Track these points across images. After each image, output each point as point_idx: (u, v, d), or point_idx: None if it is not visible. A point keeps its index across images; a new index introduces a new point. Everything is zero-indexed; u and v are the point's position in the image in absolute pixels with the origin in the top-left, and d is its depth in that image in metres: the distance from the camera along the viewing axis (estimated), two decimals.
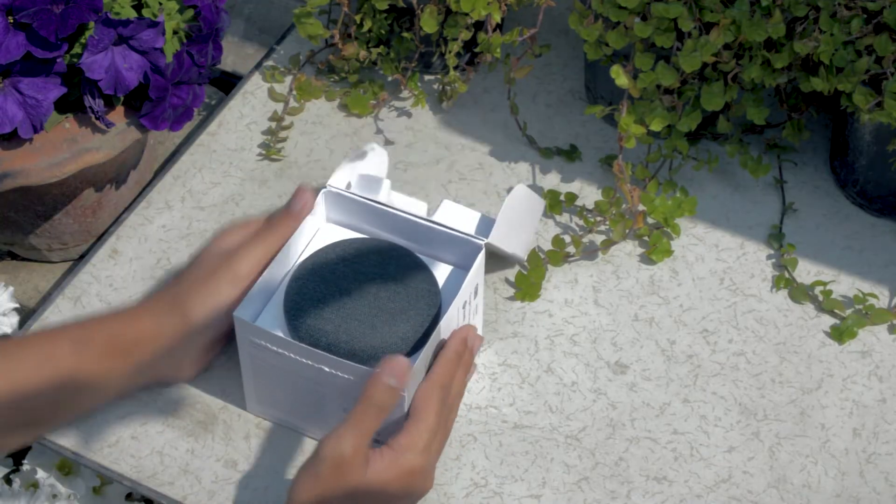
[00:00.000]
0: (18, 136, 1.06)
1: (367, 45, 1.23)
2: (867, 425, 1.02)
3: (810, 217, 1.16)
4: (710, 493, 0.99)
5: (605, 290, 1.11)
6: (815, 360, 1.06)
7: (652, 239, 1.12)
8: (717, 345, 1.07)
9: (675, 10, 1.08)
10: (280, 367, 0.95)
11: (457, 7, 1.14)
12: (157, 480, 0.99)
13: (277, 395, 0.99)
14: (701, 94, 1.12)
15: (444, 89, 1.23)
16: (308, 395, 0.97)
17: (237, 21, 1.40)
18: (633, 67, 1.10)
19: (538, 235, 1.14)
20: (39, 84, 1.05)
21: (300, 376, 0.95)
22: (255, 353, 0.96)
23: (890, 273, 1.12)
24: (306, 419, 0.99)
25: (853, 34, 1.05)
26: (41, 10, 1.02)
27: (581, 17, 1.11)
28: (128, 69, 1.06)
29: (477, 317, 1.03)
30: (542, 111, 1.24)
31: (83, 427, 1.01)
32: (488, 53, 1.16)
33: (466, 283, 0.98)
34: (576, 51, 1.29)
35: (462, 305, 0.98)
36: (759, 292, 1.10)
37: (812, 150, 1.20)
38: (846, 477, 1.00)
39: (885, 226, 1.15)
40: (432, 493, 0.98)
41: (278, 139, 1.21)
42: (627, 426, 1.02)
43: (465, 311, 0.99)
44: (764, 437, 1.02)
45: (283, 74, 1.26)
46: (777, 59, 1.09)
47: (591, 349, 1.07)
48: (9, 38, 1.02)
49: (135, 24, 1.05)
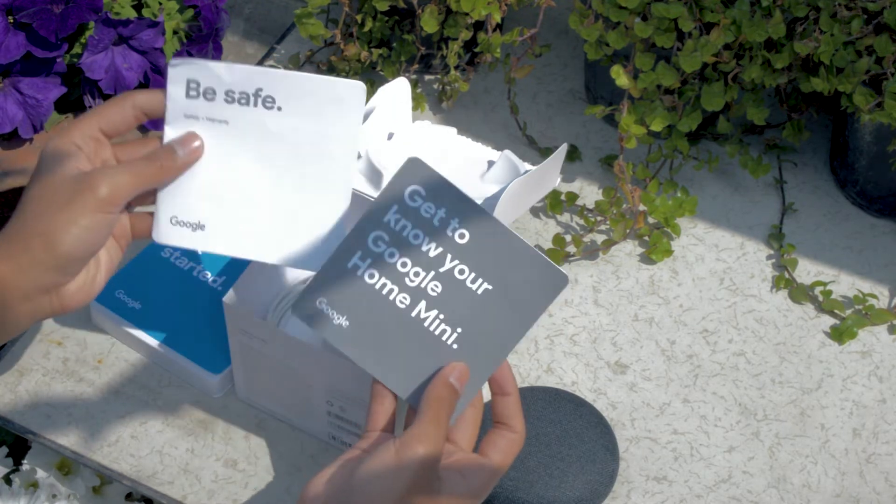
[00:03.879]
0: (18, 135, 1.06)
1: (368, 45, 1.23)
2: (867, 425, 1.02)
3: (810, 217, 1.16)
4: (710, 493, 0.99)
5: (605, 289, 1.11)
6: (815, 360, 1.06)
7: (652, 239, 1.12)
8: (717, 345, 1.07)
9: (676, 10, 1.08)
10: (268, 355, 0.95)
11: (457, 7, 1.14)
12: (156, 480, 0.99)
13: (266, 383, 0.99)
14: (701, 94, 1.12)
15: (445, 89, 1.23)
16: (294, 385, 0.97)
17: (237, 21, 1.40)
18: (633, 67, 1.10)
19: (538, 235, 1.14)
20: (39, 84, 1.05)
21: (287, 366, 0.95)
22: (244, 340, 0.96)
23: (890, 273, 1.12)
24: (292, 409, 0.99)
25: (853, 34, 1.06)
26: (41, 10, 1.02)
27: (581, 17, 1.11)
28: (128, 69, 1.06)
29: None
30: (542, 111, 1.24)
31: (83, 427, 1.02)
32: (488, 53, 1.16)
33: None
34: (576, 51, 1.29)
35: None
36: (759, 292, 1.10)
37: (812, 150, 1.20)
38: (846, 477, 1.00)
39: (885, 226, 1.15)
40: None
41: None
42: (627, 426, 1.02)
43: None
44: (764, 437, 1.02)
45: None
46: (777, 60, 1.09)
47: (591, 349, 1.07)
48: (9, 38, 1.02)
49: (135, 24, 1.05)
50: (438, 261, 0.82)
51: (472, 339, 0.82)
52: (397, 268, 0.82)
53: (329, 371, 0.93)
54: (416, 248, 0.82)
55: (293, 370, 0.95)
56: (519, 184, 1.00)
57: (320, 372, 0.94)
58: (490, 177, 1.05)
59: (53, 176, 0.82)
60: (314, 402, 0.97)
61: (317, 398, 0.96)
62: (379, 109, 1.07)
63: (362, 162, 1.04)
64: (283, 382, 0.97)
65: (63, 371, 1.05)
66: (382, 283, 0.82)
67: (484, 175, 1.05)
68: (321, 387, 0.95)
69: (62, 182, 0.82)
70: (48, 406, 1.03)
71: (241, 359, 0.99)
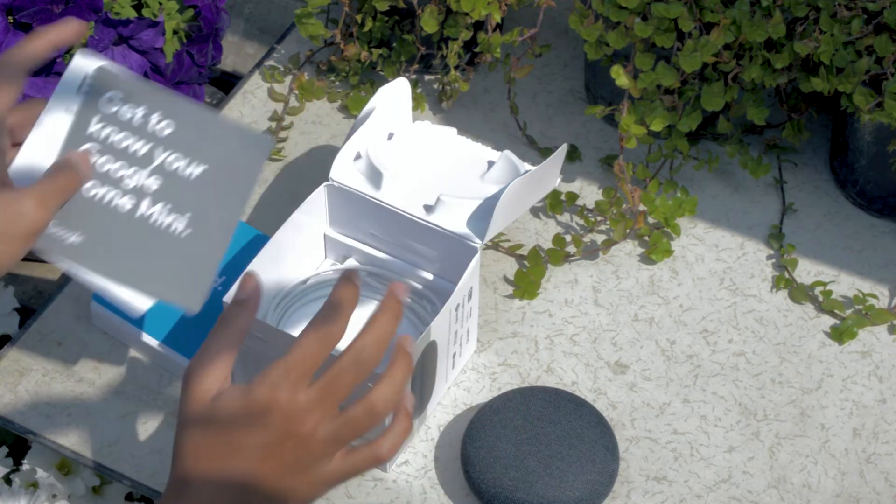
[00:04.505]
0: None
1: (368, 45, 1.23)
2: (867, 425, 1.02)
3: (810, 217, 1.16)
4: (710, 493, 0.99)
5: (605, 290, 1.11)
6: (815, 360, 1.06)
7: (652, 239, 1.12)
8: (717, 345, 1.07)
9: (676, 10, 1.08)
10: (268, 354, 0.95)
11: (457, 7, 1.14)
12: (157, 480, 0.99)
13: None
14: (701, 94, 1.12)
15: (445, 89, 1.23)
16: None
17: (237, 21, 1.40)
18: (633, 67, 1.10)
19: (538, 235, 1.14)
20: (39, 84, 1.05)
21: None
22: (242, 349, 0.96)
23: (890, 273, 1.12)
24: None
25: (853, 34, 1.06)
26: (41, 10, 1.02)
27: (581, 17, 1.11)
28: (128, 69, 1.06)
29: (471, 319, 1.03)
30: (542, 111, 1.24)
31: (83, 427, 1.01)
32: (488, 53, 1.16)
33: (460, 286, 0.97)
34: (576, 51, 1.29)
35: (455, 308, 0.98)
36: (759, 292, 1.10)
37: (812, 150, 1.20)
38: (846, 477, 1.00)
39: (884, 226, 1.15)
40: (437, 489, 0.98)
41: (278, 139, 1.21)
42: (627, 426, 1.02)
43: (459, 314, 0.99)
44: (764, 437, 1.02)
45: (283, 74, 1.26)
46: (777, 60, 1.09)
47: (591, 349, 1.07)
48: (9, 38, 1.02)
49: (135, 24, 1.05)
50: (149, 157, 0.83)
51: (201, 222, 0.83)
52: (111, 174, 0.83)
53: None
54: (125, 150, 0.83)
55: None
56: (519, 184, 1.01)
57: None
58: (490, 177, 1.05)
59: None
60: None
61: None
62: (379, 109, 1.07)
63: (362, 161, 1.04)
64: None
65: (63, 371, 1.05)
66: (104, 193, 0.83)
67: (484, 175, 1.05)
68: None
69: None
70: (48, 406, 1.03)
71: (241, 358, 0.98)
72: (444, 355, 0.99)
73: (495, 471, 0.95)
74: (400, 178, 1.04)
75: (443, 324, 0.97)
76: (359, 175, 1.04)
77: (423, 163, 1.06)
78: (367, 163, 1.04)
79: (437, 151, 1.08)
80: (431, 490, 0.98)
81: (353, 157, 1.05)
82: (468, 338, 1.04)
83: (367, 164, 1.04)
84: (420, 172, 1.05)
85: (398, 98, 1.08)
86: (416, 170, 1.06)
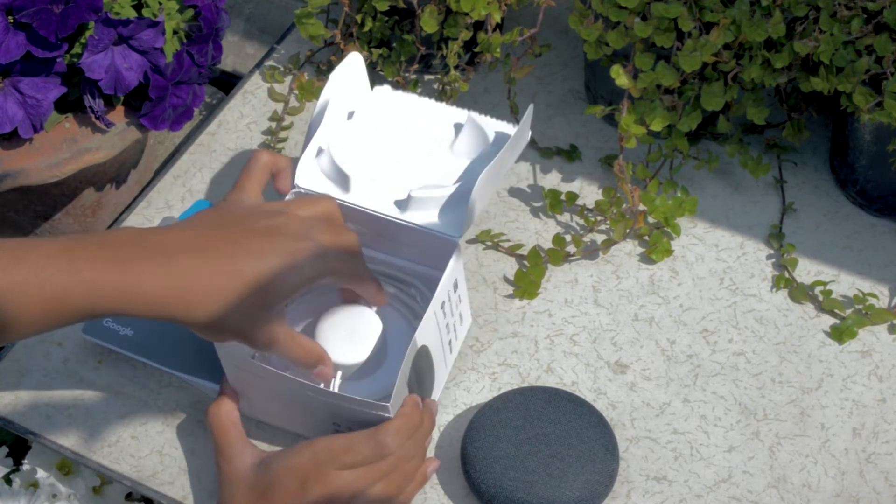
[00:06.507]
0: (18, 135, 1.06)
1: (368, 45, 1.23)
2: (867, 425, 1.02)
3: (810, 217, 1.16)
4: (710, 493, 0.99)
5: (605, 289, 1.11)
6: (815, 360, 1.06)
7: (652, 239, 1.12)
8: (717, 345, 1.07)
9: (675, 10, 1.08)
10: (267, 386, 0.94)
11: (457, 7, 1.14)
12: (157, 480, 0.99)
13: (267, 406, 0.98)
14: (701, 93, 1.12)
15: (445, 89, 1.23)
16: (298, 410, 0.96)
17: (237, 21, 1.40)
18: (633, 67, 1.11)
19: (538, 235, 1.14)
20: (39, 84, 1.05)
21: (289, 394, 0.94)
22: (241, 375, 0.95)
23: (890, 273, 1.12)
24: (297, 426, 0.98)
25: (853, 34, 1.06)
26: (41, 9, 1.02)
27: (581, 17, 1.11)
28: (128, 69, 1.06)
29: (461, 304, 1.02)
30: (542, 111, 1.24)
31: (83, 427, 1.02)
32: (488, 53, 1.16)
33: (442, 284, 0.96)
34: (576, 51, 1.29)
35: (440, 306, 0.97)
36: (759, 292, 1.10)
37: (812, 150, 1.20)
38: (846, 477, 1.00)
39: (885, 226, 1.15)
40: (437, 489, 0.98)
41: (278, 139, 1.21)
42: (627, 426, 1.02)
43: (446, 310, 0.98)
44: (764, 437, 1.02)
45: (283, 74, 1.26)
46: (777, 59, 1.09)
47: (591, 349, 1.07)
48: (9, 38, 1.02)
49: (135, 23, 1.05)
50: None
51: None
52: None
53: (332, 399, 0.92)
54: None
55: (295, 399, 0.94)
56: (487, 173, 0.97)
57: (324, 402, 0.93)
58: (459, 149, 1.03)
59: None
60: (320, 424, 0.95)
61: (322, 421, 0.95)
62: (333, 99, 1.03)
63: (324, 159, 1.00)
64: (286, 407, 0.96)
65: (63, 371, 1.05)
66: None
67: (453, 146, 1.03)
68: (325, 411, 0.94)
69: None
70: (48, 406, 1.03)
71: (239, 386, 0.97)
72: (438, 350, 0.98)
73: (495, 471, 0.95)
74: (367, 173, 1.01)
75: (430, 326, 0.95)
76: (324, 178, 1.00)
77: (388, 145, 1.03)
78: (330, 162, 1.00)
79: (400, 124, 1.05)
80: (431, 490, 0.99)
81: (315, 154, 1.01)
82: (462, 320, 1.03)
83: (332, 165, 1.00)
84: (386, 159, 1.02)
85: (353, 74, 1.05)
86: (382, 158, 1.02)
